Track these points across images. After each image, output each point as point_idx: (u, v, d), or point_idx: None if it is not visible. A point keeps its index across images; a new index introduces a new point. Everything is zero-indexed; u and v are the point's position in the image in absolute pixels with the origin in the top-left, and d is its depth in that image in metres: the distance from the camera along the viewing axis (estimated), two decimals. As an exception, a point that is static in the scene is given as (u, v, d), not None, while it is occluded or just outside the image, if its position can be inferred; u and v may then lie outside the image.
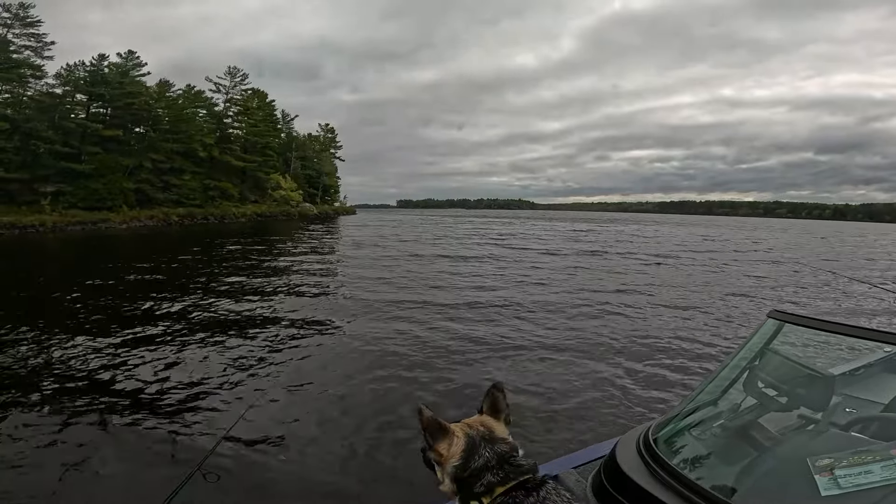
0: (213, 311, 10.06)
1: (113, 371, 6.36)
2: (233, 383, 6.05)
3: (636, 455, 1.85)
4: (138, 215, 47.63)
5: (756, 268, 19.59)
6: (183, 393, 5.70)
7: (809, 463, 1.57)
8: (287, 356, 7.18)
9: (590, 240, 34.82)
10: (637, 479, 1.73)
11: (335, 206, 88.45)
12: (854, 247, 36.85)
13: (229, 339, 7.97)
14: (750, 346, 2.21)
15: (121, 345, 7.52)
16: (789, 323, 2.07)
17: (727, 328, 9.21)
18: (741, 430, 1.98)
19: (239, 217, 58.00)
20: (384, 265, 17.95)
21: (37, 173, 42.76)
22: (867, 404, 2.13)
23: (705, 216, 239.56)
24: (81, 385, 5.89)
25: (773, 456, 1.84)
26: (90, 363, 6.66)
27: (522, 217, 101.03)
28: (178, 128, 55.45)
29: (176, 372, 6.42)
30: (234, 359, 6.97)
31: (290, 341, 7.97)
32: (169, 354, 7.16)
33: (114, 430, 4.73)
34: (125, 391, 5.74)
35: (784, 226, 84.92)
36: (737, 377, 2.18)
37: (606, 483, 1.84)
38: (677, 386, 6.00)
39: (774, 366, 2.14)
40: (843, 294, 13.39)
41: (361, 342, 7.77)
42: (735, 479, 1.74)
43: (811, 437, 1.90)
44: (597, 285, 13.98)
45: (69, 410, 5.12)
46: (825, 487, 1.49)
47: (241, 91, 66.99)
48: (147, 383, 6.00)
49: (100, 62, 51.42)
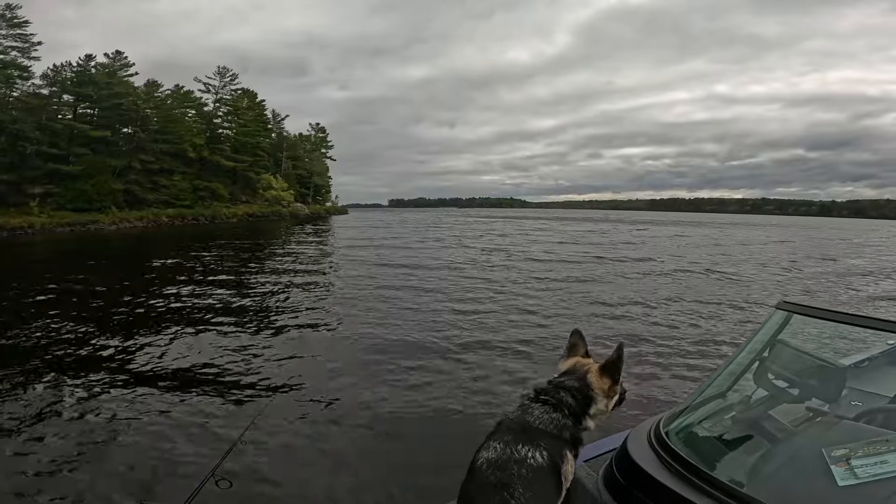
0: (212, 314, 9.98)
1: (115, 373, 6.29)
2: (239, 388, 6.00)
3: (648, 448, 1.84)
4: (128, 216, 47.10)
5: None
6: (193, 397, 5.65)
7: (825, 454, 1.58)
8: (290, 360, 7.11)
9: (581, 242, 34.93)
10: (651, 472, 1.72)
11: (327, 206, 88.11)
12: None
13: (224, 342, 7.92)
14: (759, 337, 2.21)
15: (122, 346, 7.43)
16: (798, 314, 2.07)
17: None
18: (754, 422, 1.98)
19: (230, 218, 57.48)
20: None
21: (25, 175, 42.20)
22: (873, 397, 2.13)
23: (694, 213, 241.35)
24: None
25: (787, 447, 1.84)
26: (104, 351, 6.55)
27: (510, 216, 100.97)
28: (167, 128, 54.91)
29: (184, 376, 6.38)
30: (238, 362, 6.91)
31: (290, 346, 7.91)
32: (173, 358, 7.09)
33: (124, 440, 4.66)
34: (135, 396, 5.68)
35: (759, 222, 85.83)
36: (746, 369, 2.18)
37: (619, 476, 1.82)
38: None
39: (785, 357, 2.13)
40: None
41: (364, 348, 7.73)
42: (750, 470, 1.74)
43: (824, 428, 1.89)
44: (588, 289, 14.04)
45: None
46: (842, 478, 1.49)
47: (230, 91, 66.65)
48: (158, 388, 5.94)
49: (87, 62, 50.87)
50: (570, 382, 1.50)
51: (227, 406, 5.45)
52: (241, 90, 68.03)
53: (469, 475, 1.34)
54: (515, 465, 1.29)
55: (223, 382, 6.16)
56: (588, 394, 1.49)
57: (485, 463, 1.32)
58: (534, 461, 1.31)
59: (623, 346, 1.53)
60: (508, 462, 1.30)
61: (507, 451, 1.32)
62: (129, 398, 5.56)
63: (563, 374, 1.54)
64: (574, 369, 1.55)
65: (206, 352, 7.34)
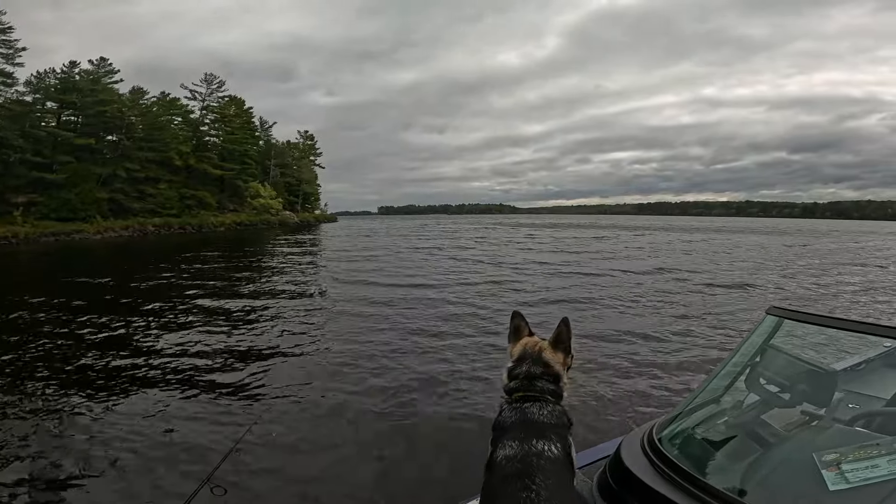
0: (197, 322, 9.87)
1: (112, 378, 6.18)
2: (233, 396, 5.93)
3: (641, 454, 1.86)
4: (113, 225, 46.50)
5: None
6: (190, 404, 5.61)
7: (816, 458, 1.58)
8: (284, 368, 7.06)
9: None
10: (644, 478, 1.73)
11: (316, 215, 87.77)
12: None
13: (216, 348, 7.81)
14: (750, 343, 2.22)
15: (110, 353, 7.32)
16: (788, 319, 2.08)
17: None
18: (746, 428, 1.99)
19: (217, 226, 56.84)
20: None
21: (8, 184, 41.60)
22: (870, 399, 2.14)
23: (681, 217, 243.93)
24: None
25: (779, 452, 1.85)
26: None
27: (497, 223, 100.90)
28: (152, 136, 54.44)
29: (178, 384, 6.31)
30: (231, 369, 6.84)
31: (284, 353, 7.83)
32: (170, 365, 7.01)
33: (119, 446, 4.59)
34: (130, 396, 5.59)
35: (740, 226, 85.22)
36: (738, 374, 2.19)
37: (612, 483, 1.83)
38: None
39: (776, 362, 2.15)
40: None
41: (350, 355, 7.67)
42: (742, 475, 1.75)
43: (816, 432, 1.91)
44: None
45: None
46: (833, 482, 1.50)
47: (217, 98, 66.28)
48: (152, 396, 5.87)
49: (70, 69, 50.46)
50: (536, 369, 1.57)
51: (222, 413, 5.39)
52: (229, 97, 67.79)
53: (490, 471, 1.43)
54: (535, 457, 1.37)
55: (216, 390, 6.09)
56: (553, 373, 1.59)
57: (504, 459, 1.40)
58: (551, 453, 1.39)
59: (567, 319, 1.65)
60: (528, 456, 1.38)
61: (525, 446, 1.40)
62: (121, 408, 5.48)
63: (519, 361, 1.61)
64: (527, 353, 1.62)
65: (197, 359, 7.26)
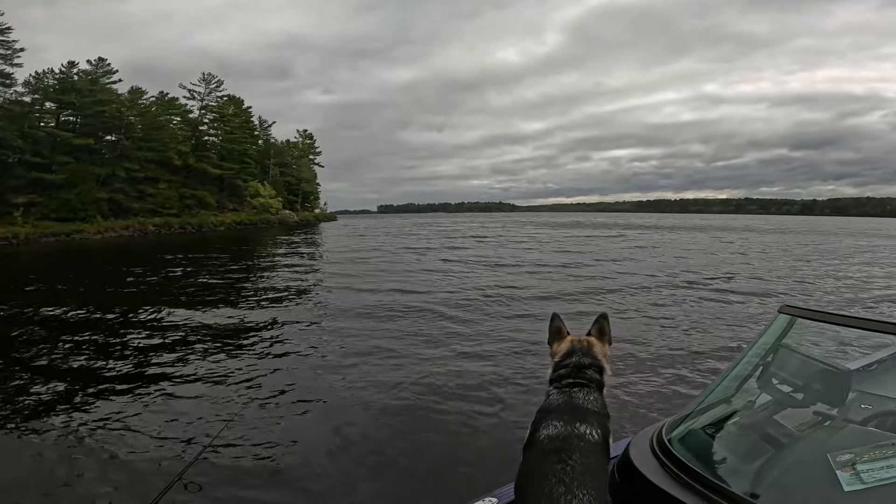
0: (185, 323, 9.84)
1: (91, 376, 6.18)
2: (215, 393, 5.93)
3: (651, 455, 1.84)
4: (113, 225, 46.23)
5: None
6: (163, 402, 5.60)
7: (830, 459, 1.57)
8: (266, 366, 7.03)
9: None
10: (653, 479, 1.72)
11: (316, 214, 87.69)
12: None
13: (206, 349, 7.79)
14: (762, 342, 2.19)
15: (101, 346, 7.32)
16: (801, 318, 2.06)
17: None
18: (758, 428, 1.97)
19: (217, 226, 56.57)
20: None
21: (7, 184, 41.38)
22: (883, 400, 2.10)
23: (679, 214, 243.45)
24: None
25: (792, 453, 1.83)
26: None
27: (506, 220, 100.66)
28: (151, 136, 54.20)
29: (155, 381, 6.30)
30: (214, 369, 6.81)
31: (268, 352, 7.80)
32: (147, 362, 7.02)
33: (90, 443, 4.60)
34: (102, 396, 5.57)
35: (762, 223, 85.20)
36: (750, 374, 2.16)
37: (621, 483, 1.83)
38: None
39: (789, 362, 2.11)
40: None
41: (336, 354, 7.65)
42: (755, 476, 1.74)
43: (830, 433, 1.88)
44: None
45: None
46: (848, 483, 1.48)
47: (216, 98, 66.04)
48: (126, 392, 5.88)
49: (69, 69, 50.22)
50: (586, 360, 1.69)
51: (201, 408, 5.41)
52: (227, 97, 67.48)
53: (530, 447, 1.51)
54: (576, 438, 1.44)
55: (195, 386, 6.13)
56: (600, 365, 1.70)
57: (546, 438, 1.47)
58: (591, 437, 1.46)
59: (606, 314, 1.81)
60: (570, 437, 1.45)
61: (568, 427, 1.47)
62: (113, 405, 5.48)
63: (567, 355, 1.72)
64: (575, 348, 1.73)
65: (180, 357, 7.30)
